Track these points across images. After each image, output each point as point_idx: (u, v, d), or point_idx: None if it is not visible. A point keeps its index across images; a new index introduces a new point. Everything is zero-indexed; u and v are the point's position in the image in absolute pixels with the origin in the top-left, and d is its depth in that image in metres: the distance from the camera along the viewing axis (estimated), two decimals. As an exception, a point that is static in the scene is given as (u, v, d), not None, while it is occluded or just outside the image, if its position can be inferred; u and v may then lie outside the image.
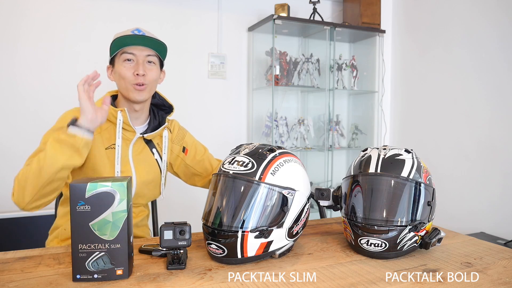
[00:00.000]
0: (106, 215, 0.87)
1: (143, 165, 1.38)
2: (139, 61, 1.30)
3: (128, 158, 1.36)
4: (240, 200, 0.98)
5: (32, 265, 0.97)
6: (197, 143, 1.54)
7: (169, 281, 0.89)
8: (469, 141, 2.68)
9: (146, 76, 1.30)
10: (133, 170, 1.36)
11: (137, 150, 1.38)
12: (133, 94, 1.31)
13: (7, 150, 2.49)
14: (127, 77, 1.30)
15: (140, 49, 1.30)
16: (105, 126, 1.34)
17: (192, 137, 1.55)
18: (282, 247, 1.03)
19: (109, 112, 1.30)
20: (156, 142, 1.43)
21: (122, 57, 1.30)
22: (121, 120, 1.32)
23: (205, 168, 1.50)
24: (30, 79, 2.54)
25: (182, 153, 1.49)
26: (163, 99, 1.47)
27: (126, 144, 1.36)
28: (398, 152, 1.11)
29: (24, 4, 2.51)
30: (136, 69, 1.29)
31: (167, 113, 1.46)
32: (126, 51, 1.29)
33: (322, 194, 1.18)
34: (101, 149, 1.31)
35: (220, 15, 3.04)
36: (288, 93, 3.32)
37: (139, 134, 1.36)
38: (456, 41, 2.78)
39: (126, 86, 1.31)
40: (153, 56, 1.33)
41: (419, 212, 1.05)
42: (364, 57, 3.39)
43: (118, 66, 1.32)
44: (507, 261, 1.03)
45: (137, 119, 1.39)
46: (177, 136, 1.49)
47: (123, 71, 1.30)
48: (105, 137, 1.33)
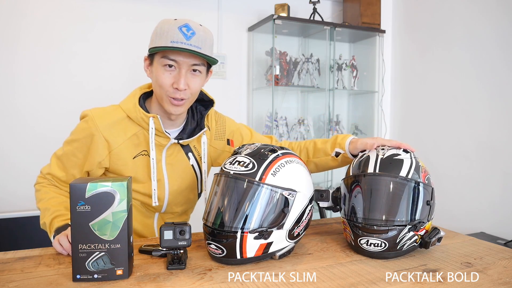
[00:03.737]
0: (106, 215, 0.87)
1: (177, 172, 1.26)
2: (181, 70, 1.10)
3: (161, 164, 1.23)
4: (240, 201, 0.98)
5: (32, 265, 0.97)
6: (240, 127, 1.40)
7: (169, 281, 0.89)
8: (469, 141, 2.68)
9: (188, 89, 1.12)
10: (165, 178, 1.24)
11: (172, 154, 1.24)
12: (169, 107, 1.14)
13: (7, 151, 2.48)
14: (164, 86, 1.11)
15: (185, 55, 1.09)
16: (133, 131, 1.19)
17: (233, 124, 1.39)
18: (282, 249, 1.02)
19: (139, 116, 1.17)
20: (193, 145, 1.28)
21: (163, 60, 1.10)
22: (154, 128, 1.16)
23: None
24: (29, 79, 2.54)
25: (228, 146, 1.36)
26: (203, 93, 1.30)
27: (159, 150, 1.22)
28: (397, 152, 1.11)
29: (23, 4, 2.50)
30: (177, 81, 1.10)
31: (207, 108, 1.30)
32: (168, 56, 1.09)
33: (322, 195, 1.18)
34: (127, 162, 1.20)
35: (220, 15, 3.04)
36: (288, 93, 3.32)
37: (173, 139, 1.21)
38: (456, 41, 2.78)
39: (162, 96, 1.14)
40: (200, 65, 1.12)
41: (418, 211, 1.05)
42: (364, 57, 3.39)
43: (156, 68, 1.12)
44: (507, 261, 1.03)
45: (173, 125, 1.24)
46: (217, 132, 1.34)
47: (161, 78, 1.11)
48: (133, 144, 1.20)
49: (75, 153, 1.21)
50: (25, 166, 2.38)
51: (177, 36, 1.06)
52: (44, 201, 1.19)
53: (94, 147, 1.18)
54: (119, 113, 1.20)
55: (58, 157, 1.24)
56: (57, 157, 1.25)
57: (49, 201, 1.18)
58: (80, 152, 1.20)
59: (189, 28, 1.07)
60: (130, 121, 1.21)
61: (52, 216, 1.13)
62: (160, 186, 1.26)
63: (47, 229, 1.14)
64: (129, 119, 1.21)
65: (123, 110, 1.21)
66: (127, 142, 1.20)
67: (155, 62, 1.13)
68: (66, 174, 1.24)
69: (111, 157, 1.20)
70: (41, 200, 1.21)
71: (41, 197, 1.21)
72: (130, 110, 1.20)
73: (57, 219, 1.12)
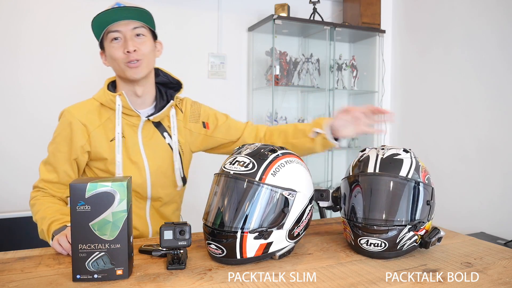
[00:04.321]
0: (106, 215, 0.87)
1: (155, 152, 1.30)
2: (126, 37, 1.20)
3: (138, 146, 1.28)
4: (240, 201, 0.98)
5: (32, 265, 0.97)
6: (216, 113, 1.44)
7: (169, 281, 0.89)
8: (469, 141, 2.68)
9: (138, 50, 1.21)
10: (144, 158, 1.28)
11: (147, 135, 1.30)
12: (129, 73, 1.22)
13: (7, 151, 2.48)
14: (118, 57, 1.21)
15: (124, 23, 1.20)
16: (106, 116, 1.27)
17: (208, 109, 1.44)
18: (282, 249, 1.02)
19: (107, 98, 1.26)
20: (167, 125, 1.34)
21: (109, 37, 1.21)
22: (120, 105, 1.24)
23: (233, 132, 1.41)
24: (30, 79, 2.54)
25: (204, 129, 1.39)
26: (168, 75, 1.37)
27: (134, 131, 1.28)
28: (397, 152, 1.11)
29: (25, 4, 2.51)
30: (125, 46, 1.20)
31: (176, 91, 1.36)
32: (110, 29, 1.20)
33: (321, 195, 1.18)
34: (104, 144, 1.25)
35: (220, 15, 3.04)
36: (288, 93, 3.32)
37: (144, 117, 1.27)
38: (456, 41, 2.78)
39: (120, 66, 1.22)
40: (140, 28, 1.22)
41: (418, 211, 1.05)
42: (364, 57, 3.39)
43: (107, 48, 1.23)
44: (507, 261, 1.03)
45: (142, 104, 1.30)
46: (192, 114, 1.39)
47: (113, 51, 1.21)
48: (108, 128, 1.26)
49: (59, 148, 1.25)
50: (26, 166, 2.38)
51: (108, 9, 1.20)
52: (41, 211, 1.19)
53: (75, 133, 1.24)
54: (92, 103, 1.29)
55: (45, 163, 1.28)
56: (44, 163, 1.28)
57: (45, 211, 1.18)
58: (64, 145, 1.25)
59: (120, 4, 1.20)
60: (103, 107, 1.28)
61: (49, 222, 1.13)
62: (140, 167, 1.29)
63: (45, 235, 1.14)
64: (102, 106, 1.28)
65: (96, 99, 1.30)
66: (102, 125, 1.26)
67: (106, 46, 1.25)
68: (58, 174, 1.26)
69: (91, 140, 1.26)
70: (37, 212, 1.20)
71: (37, 210, 1.21)
72: (100, 96, 1.29)
73: (54, 224, 1.12)
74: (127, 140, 1.28)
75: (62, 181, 1.26)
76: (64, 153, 1.25)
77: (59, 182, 1.26)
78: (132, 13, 1.20)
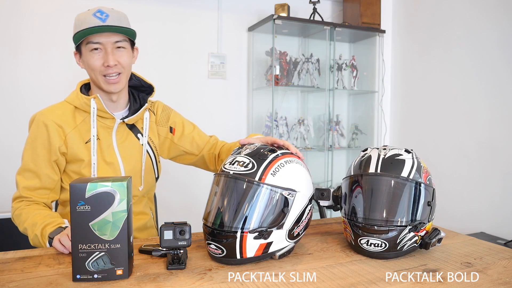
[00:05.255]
0: (106, 215, 0.87)
1: (130, 153, 1.32)
2: (107, 49, 1.19)
3: (113, 147, 1.30)
4: (239, 201, 0.98)
5: (32, 265, 0.97)
6: (184, 120, 1.47)
7: (169, 281, 0.89)
8: (469, 141, 2.68)
9: (118, 64, 1.21)
10: (119, 159, 1.30)
11: (121, 137, 1.32)
12: (107, 87, 1.23)
13: (8, 150, 2.48)
14: (96, 68, 1.21)
15: (106, 35, 1.19)
16: (81, 118, 1.27)
17: (178, 115, 1.47)
18: (282, 249, 1.02)
19: (82, 101, 1.25)
20: (141, 127, 1.36)
21: (89, 46, 1.19)
22: (95, 108, 1.24)
23: (195, 145, 1.44)
24: (30, 79, 2.54)
25: (170, 134, 1.42)
26: (141, 80, 1.38)
27: (108, 133, 1.29)
28: (398, 152, 1.11)
29: (25, 5, 2.51)
30: (106, 60, 1.19)
31: (148, 94, 1.37)
32: (91, 40, 1.18)
33: (322, 194, 1.18)
34: (81, 146, 1.25)
35: (220, 15, 3.04)
36: (288, 93, 3.32)
37: (119, 120, 1.29)
38: (456, 41, 2.78)
39: (97, 78, 1.23)
40: (122, 41, 1.22)
41: (419, 212, 1.05)
42: (364, 57, 3.39)
43: (85, 56, 1.21)
44: (507, 261, 1.03)
45: (116, 107, 1.32)
46: (162, 118, 1.42)
47: (92, 61, 1.20)
48: (83, 130, 1.26)
49: (38, 152, 1.24)
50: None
51: (94, 21, 1.17)
52: (29, 219, 1.17)
53: (52, 135, 1.23)
54: (66, 106, 1.29)
55: (22, 171, 1.26)
56: (21, 172, 1.26)
57: (34, 218, 1.17)
58: (42, 148, 1.24)
59: (102, 12, 1.18)
60: (77, 110, 1.28)
61: (42, 226, 1.12)
62: (115, 168, 1.30)
63: (39, 240, 1.12)
64: (76, 109, 1.28)
65: (69, 103, 1.29)
66: (77, 128, 1.26)
67: (83, 51, 1.22)
68: (40, 179, 1.24)
69: (67, 141, 1.25)
70: (25, 221, 1.18)
71: (23, 219, 1.19)
72: (74, 100, 1.28)
73: (48, 227, 1.12)
74: (102, 141, 1.29)
75: (45, 185, 1.25)
76: (43, 156, 1.24)
77: (42, 187, 1.25)
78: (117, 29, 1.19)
